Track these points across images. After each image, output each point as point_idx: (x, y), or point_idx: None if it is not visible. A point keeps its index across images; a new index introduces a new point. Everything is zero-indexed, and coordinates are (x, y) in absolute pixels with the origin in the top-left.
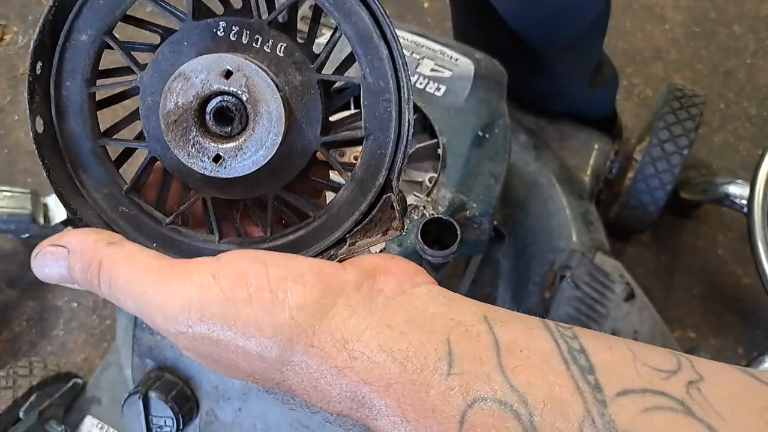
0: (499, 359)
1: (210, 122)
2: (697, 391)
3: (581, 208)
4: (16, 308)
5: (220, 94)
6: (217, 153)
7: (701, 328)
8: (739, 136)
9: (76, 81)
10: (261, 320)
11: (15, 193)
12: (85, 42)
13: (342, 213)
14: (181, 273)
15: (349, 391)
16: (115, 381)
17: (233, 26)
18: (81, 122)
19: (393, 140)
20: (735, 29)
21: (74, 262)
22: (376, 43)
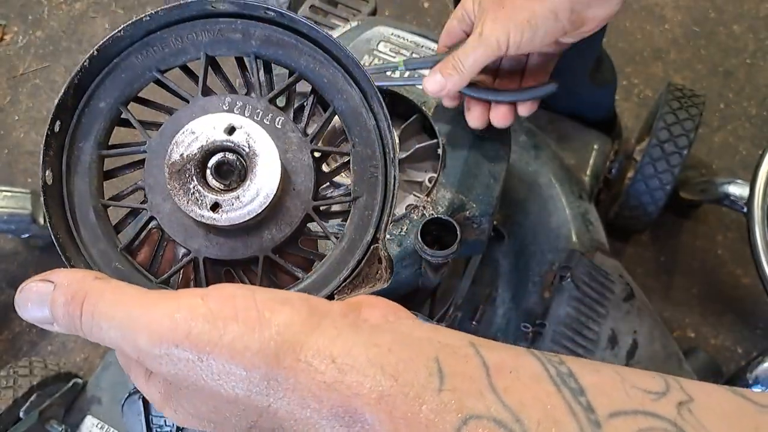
0: (490, 379)
1: (211, 175)
2: (688, 412)
3: (581, 208)
4: None
5: (223, 150)
6: (215, 201)
7: (700, 328)
8: (738, 136)
9: (89, 142)
10: (247, 336)
11: (15, 193)
12: (103, 108)
13: (331, 272)
14: (170, 297)
15: (340, 406)
16: (115, 381)
17: (237, 101)
18: (87, 181)
19: (380, 201)
20: (734, 29)
21: (58, 295)
22: (364, 116)
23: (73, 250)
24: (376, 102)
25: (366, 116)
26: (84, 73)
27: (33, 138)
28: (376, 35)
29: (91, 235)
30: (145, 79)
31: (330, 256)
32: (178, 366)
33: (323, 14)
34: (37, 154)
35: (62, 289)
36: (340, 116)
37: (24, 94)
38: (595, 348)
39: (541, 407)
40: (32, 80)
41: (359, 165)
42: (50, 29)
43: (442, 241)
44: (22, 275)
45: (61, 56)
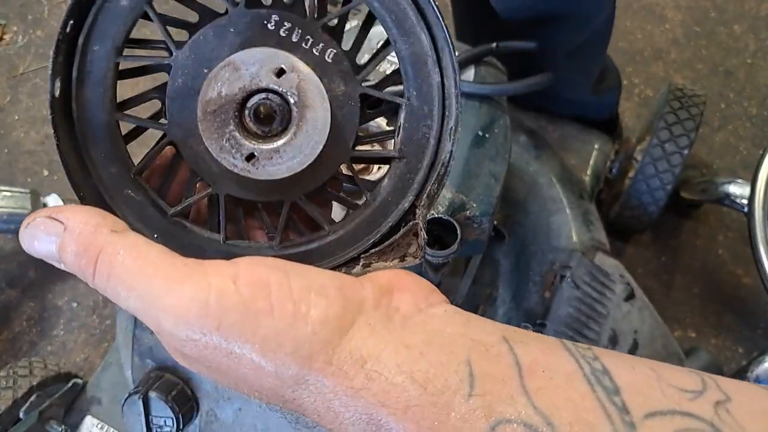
0: (522, 380)
1: (249, 119)
2: (725, 411)
3: (581, 208)
4: (17, 308)
5: (267, 92)
6: (252, 152)
7: (701, 327)
8: (739, 135)
9: (105, 47)
10: (282, 335)
11: (15, 193)
12: (125, 7)
13: (359, 232)
14: (196, 274)
15: (365, 413)
16: (115, 381)
17: (285, 22)
18: (100, 92)
19: (426, 167)
20: (735, 29)
21: (68, 243)
22: (429, 68)
23: (81, 175)
24: (447, 56)
25: (431, 68)
26: None
27: (33, 137)
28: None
29: (102, 156)
30: None
31: (360, 213)
32: (204, 352)
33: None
34: (38, 154)
35: (73, 236)
36: (401, 61)
37: (24, 93)
38: None
39: (574, 409)
40: (32, 80)
41: (411, 121)
42: (50, 29)
43: (442, 241)
44: (22, 275)
45: None
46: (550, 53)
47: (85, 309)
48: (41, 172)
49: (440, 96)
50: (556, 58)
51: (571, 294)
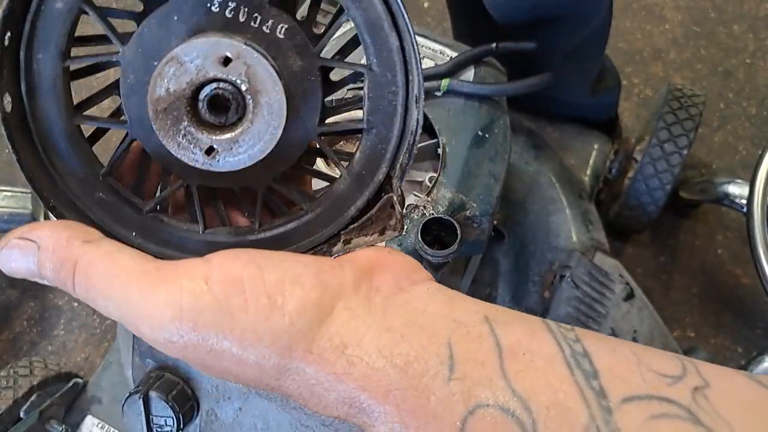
0: (502, 362)
1: (203, 111)
2: (703, 398)
3: (581, 208)
4: (17, 308)
5: (216, 81)
6: (210, 145)
7: (700, 327)
8: (738, 135)
9: (49, 53)
10: (259, 328)
11: (16, 193)
12: (61, 9)
13: (336, 208)
14: (169, 277)
15: (347, 397)
16: (115, 381)
17: (230, 2)
18: (54, 100)
19: (396, 136)
20: (734, 29)
21: (45, 260)
22: (386, 32)
23: (49, 187)
24: (401, 19)
25: (389, 32)
26: None
27: None
28: None
29: (67, 163)
30: None
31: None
32: (185, 351)
33: (323, 14)
34: None
35: (48, 254)
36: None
37: None
38: None
39: (552, 393)
40: None
41: (375, 90)
42: None
43: (442, 241)
44: None
45: None
46: (548, 55)
47: (85, 309)
48: None
49: (401, 61)
50: (553, 59)
51: (570, 294)
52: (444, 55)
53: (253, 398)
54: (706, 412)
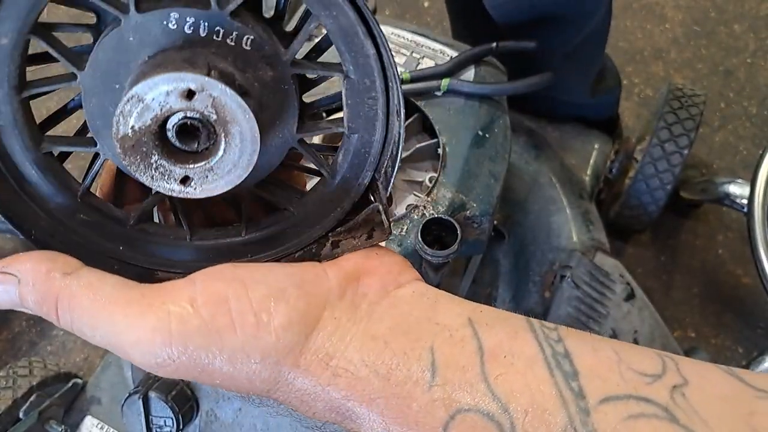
0: (483, 366)
1: (173, 140)
2: (681, 396)
3: (581, 208)
4: None
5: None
6: (185, 174)
7: (701, 327)
8: (739, 135)
9: (3, 90)
10: (247, 347)
11: None
12: (6, 46)
13: (322, 209)
14: (155, 303)
15: (334, 405)
16: (115, 381)
17: (187, 17)
18: (17, 136)
19: (379, 141)
20: (735, 28)
21: (26, 293)
22: (361, 39)
23: (31, 219)
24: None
25: (363, 40)
26: None
27: None
28: None
29: (43, 192)
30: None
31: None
32: (178, 372)
33: None
34: None
35: (28, 288)
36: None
37: None
38: None
39: (530, 395)
40: None
41: (354, 97)
42: None
43: (442, 241)
44: None
45: None
46: (548, 54)
47: None
48: None
49: (379, 68)
50: (553, 59)
51: (570, 294)
52: (444, 55)
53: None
54: (683, 410)
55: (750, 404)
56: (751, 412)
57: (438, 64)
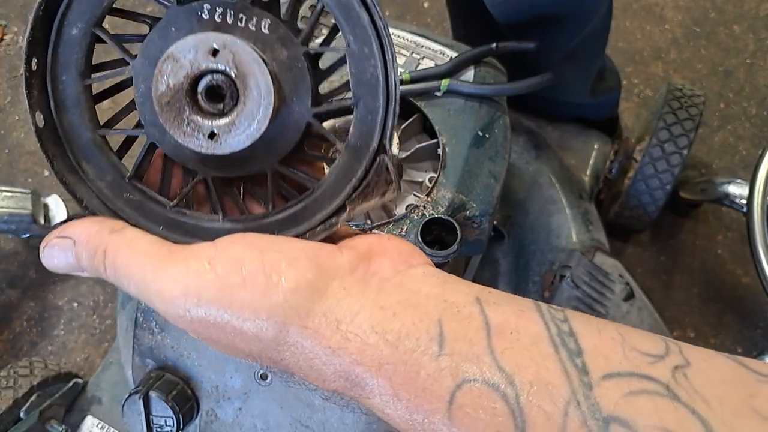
0: (489, 341)
1: (202, 101)
2: (683, 376)
3: (581, 208)
4: (17, 308)
5: (210, 73)
6: (211, 130)
7: (700, 327)
8: (738, 135)
9: (71, 74)
10: (256, 303)
11: (15, 194)
12: (77, 36)
13: (339, 181)
14: (178, 259)
15: (343, 371)
16: (115, 381)
17: (217, 7)
18: (79, 114)
19: (382, 104)
20: (735, 29)
21: (81, 251)
22: (357, 11)
23: (83, 189)
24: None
25: (359, 11)
26: (48, 1)
27: (33, 138)
28: None
29: (96, 169)
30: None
31: (337, 163)
32: (193, 325)
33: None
34: (38, 154)
35: (82, 246)
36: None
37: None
38: None
39: (536, 369)
40: None
41: (357, 65)
42: None
43: (442, 241)
44: (22, 275)
45: None
46: (548, 54)
47: (85, 309)
48: (42, 172)
49: (375, 34)
50: (553, 59)
51: (570, 294)
52: (444, 55)
53: (253, 399)
54: (685, 390)
55: (751, 387)
56: (752, 394)
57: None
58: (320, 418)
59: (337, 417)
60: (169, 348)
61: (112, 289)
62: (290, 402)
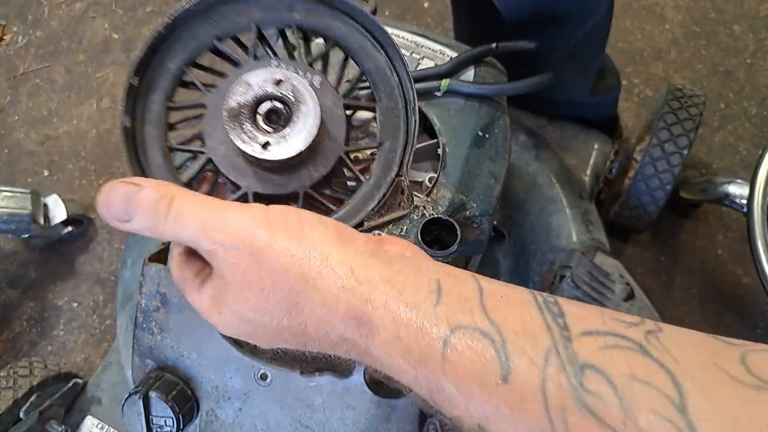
0: (481, 299)
1: (261, 119)
2: (655, 338)
3: (581, 208)
4: (17, 308)
5: (272, 98)
6: (266, 141)
7: (700, 327)
8: (738, 135)
9: (158, 95)
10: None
11: (15, 193)
12: (172, 69)
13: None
14: (239, 207)
15: (353, 308)
16: (115, 381)
17: (282, 64)
18: (156, 127)
19: (402, 144)
20: (735, 29)
21: (149, 193)
22: (388, 75)
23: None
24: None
25: (390, 75)
26: (158, 38)
27: (33, 138)
28: None
29: (159, 172)
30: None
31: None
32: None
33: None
34: (38, 154)
35: (152, 188)
36: (368, 76)
37: (24, 94)
38: None
39: (522, 323)
40: (32, 80)
41: (384, 116)
42: (50, 29)
43: (442, 241)
44: (22, 275)
45: (61, 56)
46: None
47: (85, 309)
48: (42, 172)
49: (400, 92)
50: (553, 58)
51: (570, 294)
52: (444, 55)
53: (253, 399)
54: (656, 348)
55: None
56: (715, 352)
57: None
58: (320, 418)
59: (337, 417)
60: (169, 348)
61: (112, 290)
62: (290, 402)
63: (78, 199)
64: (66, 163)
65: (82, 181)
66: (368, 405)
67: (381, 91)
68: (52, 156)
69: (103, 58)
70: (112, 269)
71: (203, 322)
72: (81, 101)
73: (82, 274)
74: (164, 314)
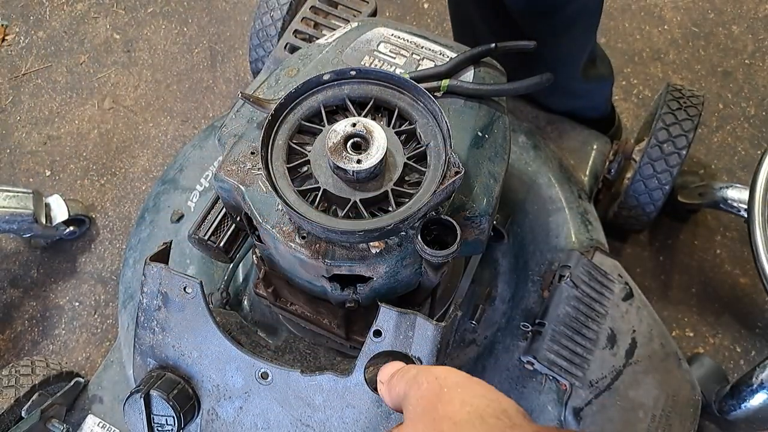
0: None
1: (349, 148)
2: None
3: (580, 208)
4: (19, 308)
5: (353, 136)
6: (358, 158)
7: (699, 327)
8: (737, 136)
9: (279, 161)
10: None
11: (17, 193)
12: (281, 143)
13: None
14: None
15: None
16: (116, 380)
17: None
18: (284, 180)
19: (441, 140)
20: (733, 30)
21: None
22: (434, 129)
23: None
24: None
25: (434, 127)
26: (270, 124)
27: (35, 138)
28: (376, 36)
29: (283, 183)
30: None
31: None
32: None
33: (324, 15)
34: (40, 154)
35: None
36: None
37: (26, 94)
38: (594, 347)
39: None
40: (34, 80)
41: (423, 129)
42: (52, 29)
43: (442, 241)
44: (24, 275)
45: (63, 56)
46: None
47: (86, 308)
48: (43, 172)
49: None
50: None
51: (569, 293)
52: (444, 56)
53: (253, 398)
54: None
55: None
56: None
57: (438, 65)
58: (321, 417)
59: (337, 416)
60: (170, 347)
61: (113, 289)
62: (291, 401)
63: (80, 199)
64: (68, 163)
65: (84, 181)
66: (368, 404)
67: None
68: (54, 156)
69: (105, 58)
70: (114, 269)
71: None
72: (83, 101)
73: (83, 273)
74: (165, 313)
